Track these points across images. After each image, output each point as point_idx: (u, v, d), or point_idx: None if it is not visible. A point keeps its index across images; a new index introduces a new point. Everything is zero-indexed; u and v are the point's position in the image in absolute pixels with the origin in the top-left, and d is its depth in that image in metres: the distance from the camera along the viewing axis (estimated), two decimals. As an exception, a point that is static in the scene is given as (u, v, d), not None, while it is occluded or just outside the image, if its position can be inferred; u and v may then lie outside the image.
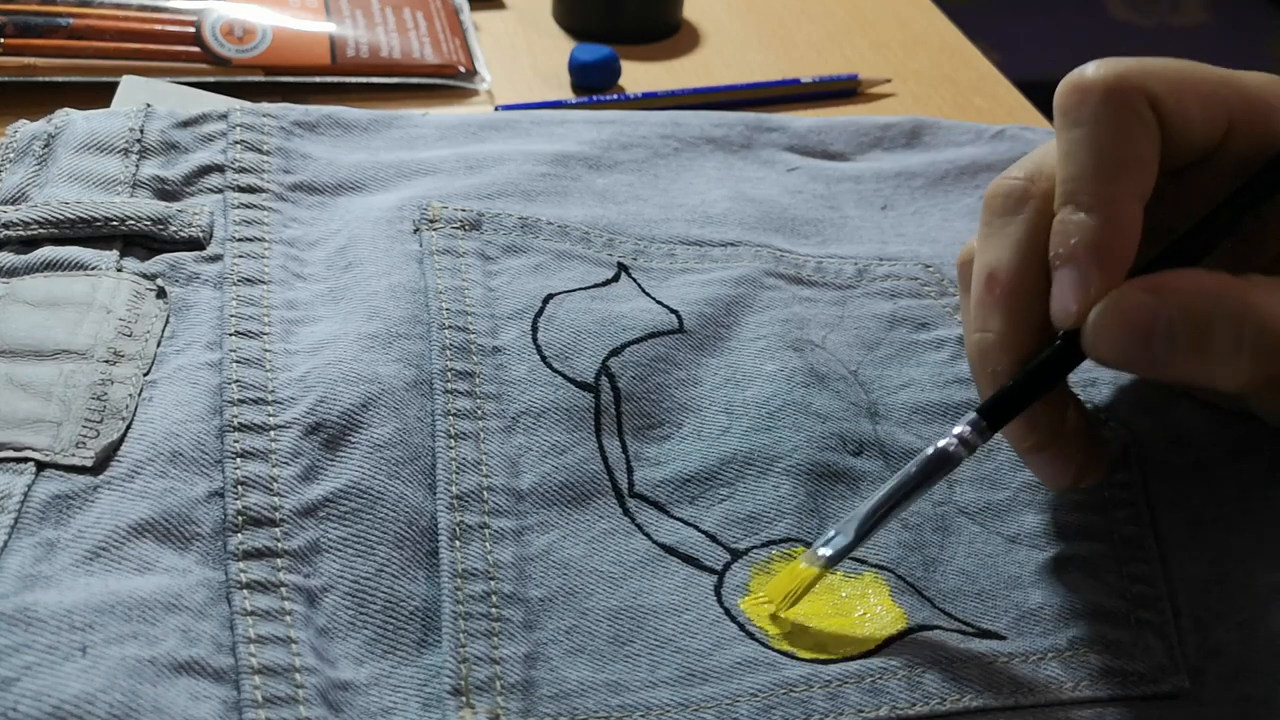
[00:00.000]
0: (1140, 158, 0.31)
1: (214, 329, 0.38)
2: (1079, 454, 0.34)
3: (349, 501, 0.33)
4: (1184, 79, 0.32)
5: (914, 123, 0.54)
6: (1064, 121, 0.32)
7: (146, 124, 0.44)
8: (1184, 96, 0.32)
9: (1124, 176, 0.31)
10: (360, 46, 0.57)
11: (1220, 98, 0.32)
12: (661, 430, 0.38)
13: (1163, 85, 0.32)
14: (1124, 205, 0.31)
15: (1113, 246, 0.31)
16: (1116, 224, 0.31)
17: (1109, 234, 0.31)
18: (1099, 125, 0.31)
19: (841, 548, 0.33)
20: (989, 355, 0.33)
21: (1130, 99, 0.31)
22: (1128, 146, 0.31)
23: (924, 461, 0.32)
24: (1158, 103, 0.32)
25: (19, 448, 0.32)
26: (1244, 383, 0.31)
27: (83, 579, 0.29)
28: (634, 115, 0.51)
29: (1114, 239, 0.31)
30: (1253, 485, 0.36)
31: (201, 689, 0.28)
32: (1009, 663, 0.32)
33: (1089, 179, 0.31)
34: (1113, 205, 0.31)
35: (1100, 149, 0.31)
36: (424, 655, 0.31)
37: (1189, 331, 0.30)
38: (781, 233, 0.46)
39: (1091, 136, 0.31)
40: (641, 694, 0.31)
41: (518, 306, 0.40)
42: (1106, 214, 0.31)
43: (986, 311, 0.33)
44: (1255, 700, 0.31)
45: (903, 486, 0.32)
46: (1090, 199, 0.31)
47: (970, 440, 0.32)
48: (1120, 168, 0.31)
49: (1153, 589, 0.34)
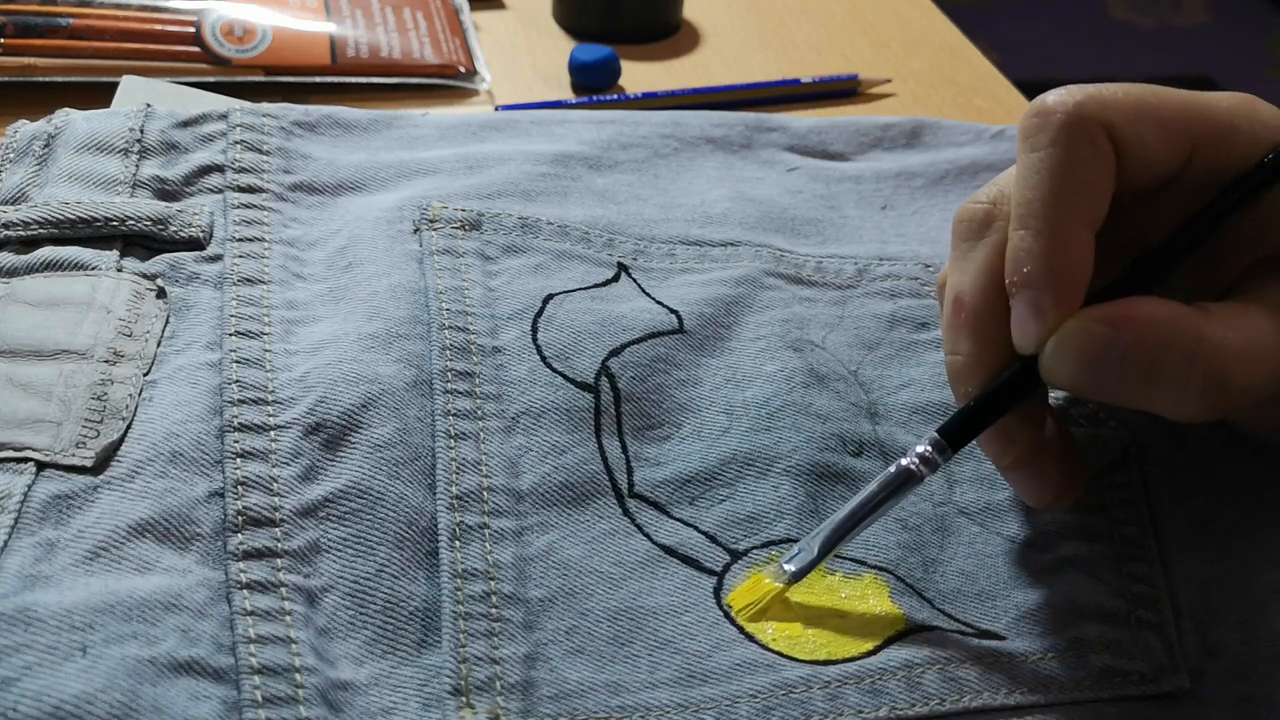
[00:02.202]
0: (1092, 185, 0.32)
1: (214, 329, 0.38)
2: (1058, 473, 0.34)
3: (349, 502, 0.33)
4: (1143, 108, 0.33)
5: (914, 123, 0.54)
6: (1022, 146, 0.33)
7: (146, 124, 0.44)
8: (1142, 125, 0.32)
9: (1074, 203, 0.32)
10: (360, 46, 0.57)
11: (1180, 124, 0.33)
12: (661, 431, 0.38)
13: (1120, 115, 0.32)
14: (1073, 230, 0.32)
15: (1064, 272, 0.31)
16: (1065, 248, 0.31)
17: (1058, 259, 0.31)
18: (1053, 152, 0.32)
19: (805, 564, 0.33)
20: (960, 376, 0.34)
21: (1087, 128, 0.32)
22: (1080, 174, 0.32)
23: (886, 480, 0.33)
24: (1115, 132, 0.32)
25: (19, 448, 0.32)
26: (1191, 413, 0.31)
27: (83, 579, 0.29)
28: (634, 115, 0.51)
29: (1063, 264, 0.31)
30: (1253, 485, 0.36)
31: (201, 689, 0.28)
32: (1009, 663, 0.32)
33: (1040, 203, 0.32)
34: (1061, 230, 0.31)
35: (1053, 174, 0.32)
36: (424, 655, 0.31)
37: (1140, 364, 0.31)
38: (781, 233, 0.46)
39: (1045, 161, 0.32)
40: (641, 695, 0.31)
41: (518, 306, 0.40)
42: (1055, 239, 0.31)
43: (956, 334, 0.34)
44: (1255, 700, 0.31)
45: (865, 504, 0.33)
46: (1039, 223, 0.32)
47: (931, 459, 0.33)
48: (1071, 194, 0.32)
49: (1153, 589, 0.34)
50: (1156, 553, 0.35)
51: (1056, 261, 0.31)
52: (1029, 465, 0.34)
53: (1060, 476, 0.34)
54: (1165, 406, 0.31)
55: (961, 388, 0.34)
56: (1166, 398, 0.31)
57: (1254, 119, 0.33)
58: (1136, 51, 2.10)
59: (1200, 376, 0.30)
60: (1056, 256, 0.31)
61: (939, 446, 0.33)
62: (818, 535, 0.33)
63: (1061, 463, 0.34)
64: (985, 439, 0.34)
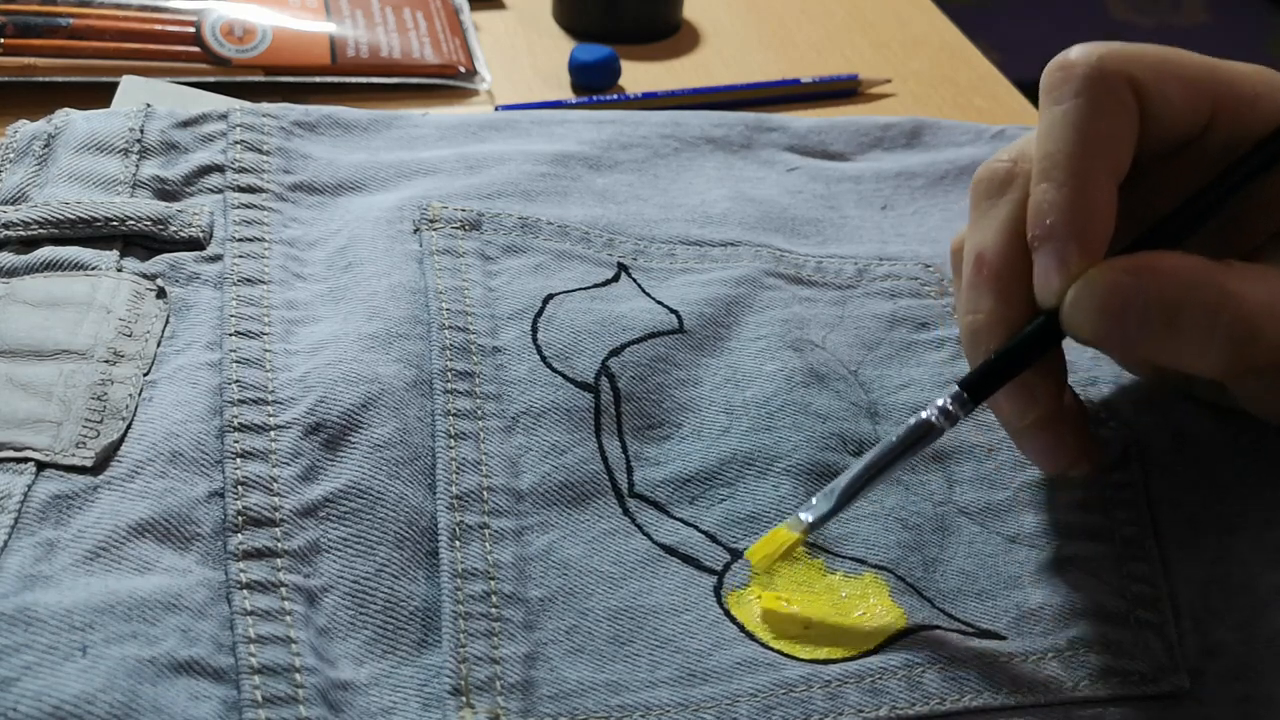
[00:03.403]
0: (1116, 137, 0.32)
1: (214, 329, 0.38)
2: (1074, 439, 0.34)
3: (349, 501, 0.33)
4: (1167, 65, 0.33)
5: (914, 123, 0.54)
6: (1046, 100, 0.33)
7: (146, 124, 0.44)
8: (1166, 82, 0.32)
9: (1098, 154, 0.31)
10: (360, 46, 0.57)
11: (1204, 85, 0.33)
12: (661, 430, 0.38)
13: (1145, 70, 0.32)
14: (1097, 181, 0.31)
15: (1087, 223, 0.31)
16: (1089, 199, 0.31)
17: (1082, 209, 0.31)
18: (1078, 103, 0.32)
19: (823, 513, 0.33)
20: (980, 335, 0.34)
21: (1111, 80, 0.32)
22: (1104, 125, 0.32)
23: (906, 431, 0.33)
24: (1139, 86, 0.32)
25: (19, 448, 0.32)
26: (1214, 368, 0.31)
27: (83, 579, 0.29)
28: (634, 115, 0.51)
29: (1087, 215, 0.31)
30: (1253, 486, 0.36)
31: (201, 689, 0.28)
32: (1009, 663, 0.32)
33: (1064, 155, 0.32)
34: (1085, 181, 0.31)
35: (1077, 126, 0.32)
36: (424, 655, 0.31)
37: (1163, 314, 0.30)
38: (781, 233, 0.46)
39: (1069, 114, 0.32)
40: (641, 694, 0.31)
41: (518, 306, 0.40)
42: (1079, 189, 0.31)
43: (977, 293, 0.34)
44: (1255, 700, 0.31)
45: (884, 456, 0.33)
46: (1063, 174, 0.31)
47: (952, 412, 0.33)
48: (1095, 145, 0.31)
49: (1153, 589, 0.34)
50: (1156, 553, 0.35)
51: (1080, 213, 0.31)
52: (1048, 428, 0.34)
53: (1076, 442, 0.34)
54: (1189, 359, 0.31)
55: (981, 346, 0.34)
56: (1190, 350, 0.31)
57: (1275, 87, 0.33)
58: (1136, 52, 2.09)
59: (1225, 328, 0.30)
60: (1080, 208, 0.31)
61: (959, 400, 0.33)
62: (835, 488, 0.33)
63: (1077, 429, 0.34)
64: (1006, 396, 0.33)
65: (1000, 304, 0.33)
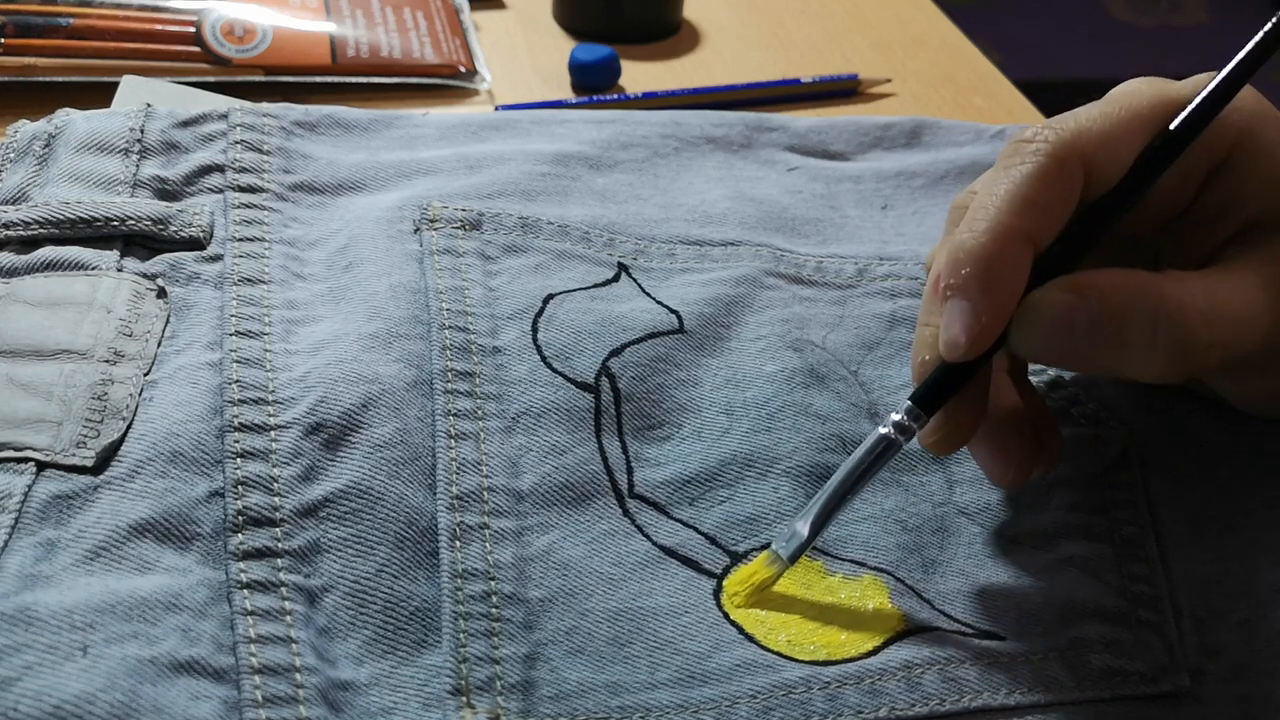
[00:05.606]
0: (1048, 204, 0.32)
1: (214, 329, 0.38)
2: (1019, 450, 0.34)
3: (349, 502, 0.33)
4: (1112, 136, 0.33)
5: (914, 123, 0.54)
6: (997, 164, 0.34)
7: (147, 124, 0.44)
8: (1118, 147, 0.33)
9: (1025, 214, 0.32)
10: (360, 46, 0.57)
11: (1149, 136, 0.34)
12: (662, 431, 0.38)
13: (1096, 146, 0.33)
14: (1014, 240, 0.32)
15: (999, 276, 0.32)
16: (1004, 253, 0.32)
17: (996, 262, 0.32)
18: (1023, 168, 0.33)
19: (797, 547, 0.33)
20: (923, 347, 0.34)
21: (1060, 153, 0.33)
22: (1039, 191, 0.32)
23: (868, 448, 0.33)
24: (1089, 163, 0.33)
25: (19, 447, 0.32)
26: (1160, 372, 0.32)
27: (83, 579, 0.29)
28: (634, 115, 0.51)
29: (1000, 268, 0.32)
30: (1253, 485, 0.36)
31: (201, 689, 0.28)
32: (1009, 663, 0.32)
33: (992, 208, 0.32)
34: (1005, 236, 0.32)
35: (1014, 185, 0.32)
36: (424, 655, 0.31)
37: (1108, 327, 0.31)
38: (781, 232, 0.46)
39: (1011, 175, 0.33)
40: (641, 695, 0.31)
41: (518, 306, 0.40)
42: (996, 240, 0.32)
43: (929, 307, 0.35)
44: (1255, 700, 0.31)
45: (851, 475, 0.33)
46: (986, 225, 0.32)
47: (907, 427, 0.33)
48: (1025, 206, 0.32)
49: (1153, 589, 0.34)
50: (1156, 553, 0.35)
51: (994, 263, 0.32)
52: (983, 441, 0.34)
53: (1022, 454, 0.34)
54: (1134, 367, 0.32)
55: (920, 356, 0.34)
56: (1134, 358, 0.32)
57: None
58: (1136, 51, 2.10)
59: (1165, 334, 0.31)
60: (994, 258, 0.32)
61: (912, 413, 0.33)
62: (806, 515, 0.33)
63: (1020, 439, 0.35)
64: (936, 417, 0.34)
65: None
